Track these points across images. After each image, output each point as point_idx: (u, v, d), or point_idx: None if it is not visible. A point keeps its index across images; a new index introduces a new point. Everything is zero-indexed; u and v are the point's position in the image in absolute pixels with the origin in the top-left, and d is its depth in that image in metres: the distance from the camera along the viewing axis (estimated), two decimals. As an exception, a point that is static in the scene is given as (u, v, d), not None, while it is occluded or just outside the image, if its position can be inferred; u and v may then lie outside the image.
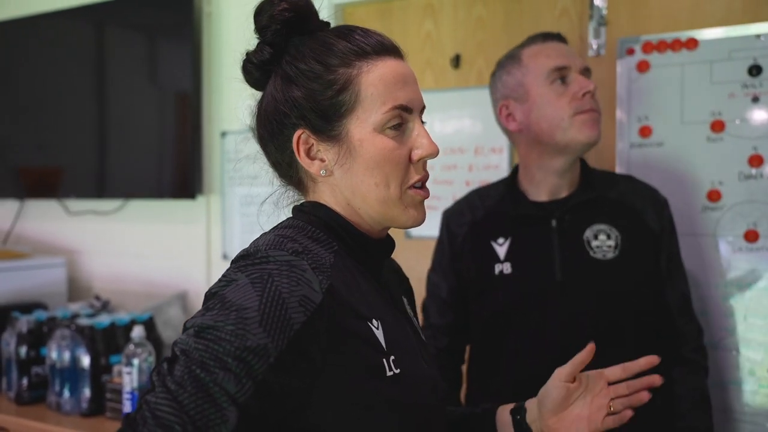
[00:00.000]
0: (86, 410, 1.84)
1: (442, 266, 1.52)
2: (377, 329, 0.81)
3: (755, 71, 1.62)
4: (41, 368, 1.96)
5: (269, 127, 0.89)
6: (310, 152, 0.86)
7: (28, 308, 2.21)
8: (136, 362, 1.67)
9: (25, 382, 1.95)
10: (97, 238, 2.73)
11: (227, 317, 0.72)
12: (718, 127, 1.66)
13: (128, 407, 1.67)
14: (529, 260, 1.39)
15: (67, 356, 1.86)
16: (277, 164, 0.91)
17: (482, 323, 1.45)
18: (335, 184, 0.86)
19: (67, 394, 1.87)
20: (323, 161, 0.86)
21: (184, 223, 2.51)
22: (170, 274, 2.53)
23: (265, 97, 0.90)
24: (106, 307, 2.27)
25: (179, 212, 2.52)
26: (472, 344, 1.52)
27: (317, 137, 0.85)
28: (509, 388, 1.35)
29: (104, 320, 1.92)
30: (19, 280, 2.44)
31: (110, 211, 2.66)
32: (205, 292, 0.81)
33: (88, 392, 1.84)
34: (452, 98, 2.02)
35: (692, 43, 1.69)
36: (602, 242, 1.37)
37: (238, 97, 2.68)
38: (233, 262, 0.82)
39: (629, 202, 1.43)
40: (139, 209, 2.62)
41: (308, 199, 0.91)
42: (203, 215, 2.47)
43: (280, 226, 0.87)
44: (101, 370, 1.86)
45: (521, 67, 1.40)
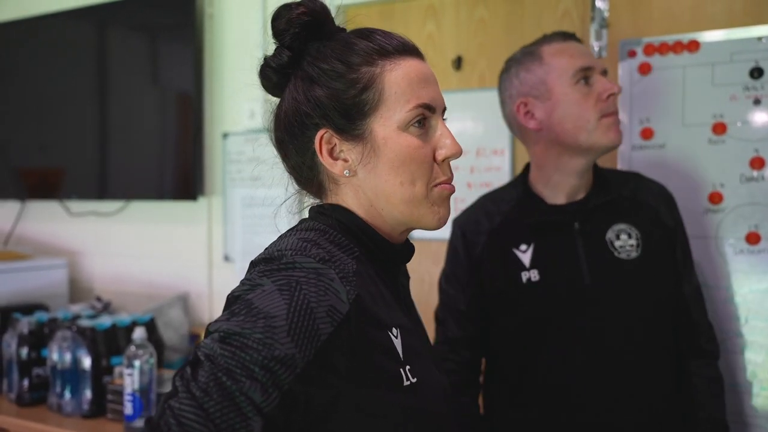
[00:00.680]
0: (87, 412, 1.84)
1: (458, 277, 1.46)
2: (396, 338, 0.81)
3: (757, 74, 1.62)
4: (42, 369, 1.96)
5: (290, 129, 0.87)
6: (332, 152, 0.85)
7: (29, 309, 2.21)
8: (137, 364, 1.67)
9: (26, 383, 1.94)
10: (98, 239, 2.73)
11: (255, 324, 0.71)
12: (719, 129, 1.66)
13: (129, 409, 1.67)
14: (555, 266, 1.36)
15: (68, 357, 1.86)
16: (296, 167, 0.90)
17: (509, 333, 1.40)
18: (358, 185, 0.85)
19: (68, 395, 1.87)
20: (346, 161, 0.85)
21: (185, 224, 2.51)
22: (171, 275, 2.53)
23: (284, 100, 0.88)
24: (107, 308, 2.27)
25: (180, 213, 2.52)
26: (491, 357, 1.47)
27: (341, 137, 0.84)
28: (542, 396, 1.35)
29: (105, 321, 1.92)
30: (20, 281, 2.44)
31: (112, 212, 2.66)
32: (207, 293, 0.81)
33: (89, 394, 1.84)
34: (454, 100, 2.02)
35: (694, 45, 1.69)
36: (624, 242, 1.36)
37: (239, 98, 2.68)
38: (254, 264, 0.81)
39: (643, 199, 1.42)
40: (140, 210, 2.62)
41: (332, 200, 0.89)
42: (204, 216, 2.47)
43: (301, 228, 0.85)
44: (102, 371, 1.86)
45: (543, 64, 1.36)
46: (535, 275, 1.35)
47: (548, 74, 1.35)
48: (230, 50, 2.41)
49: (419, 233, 2.04)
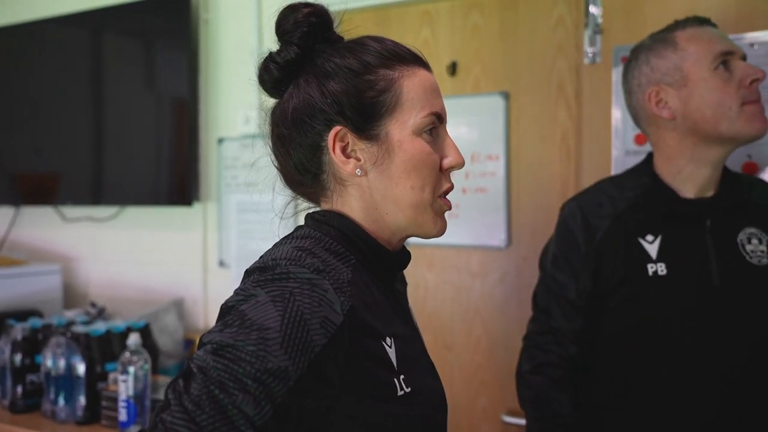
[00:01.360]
0: (81, 418, 1.83)
1: (571, 262, 1.35)
2: (390, 347, 0.81)
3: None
4: (36, 376, 1.95)
5: (299, 124, 0.86)
6: (345, 150, 0.85)
7: (23, 315, 2.19)
8: (131, 370, 1.66)
9: (19, 389, 1.93)
10: (93, 245, 2.72)
11: (248, 336, 0.70)
12: (713, 134, 1.66)
13: (124, 415, 1.66)
14: (684, 262, 1.26)
15: (62, 364, 1.85)
16: (299, 166, 0.88)
17: (622, 329, 1.30)
18: (366, 186, 0.85)
19: (62, 402, 1.86)
20: (359, 160, 0.85)
21: (180, 230, 2.51)
22: (166, 281, 2.53)
23: (292, 96, 0.87)
24: (101, 314, 2.26)
25: (176, 219, 2.52)
26: (593, 353, 1.36)
27: (356, 135, 0.84)
28: (649, 402, 1.26)
29: (100, 327, 1.91)
30: (14, 287, 2.43)
31: (106, 217, 2.66)
32: (202, 299, 0.81)
33: (83, 400, 1.83)
34: (448, 105, 2.00)
35: (687, 51, 1.69)
36: (756, 247, 1.28)
37: (234, 103, 2.68)
38: (249, 273, 0.80)
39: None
40: (135, 216, 2.62)
41: (329, 205, 0.89)
42: (200, 222, 2.47)
43: (296, 236, 0.85)
44: (97, 377, 1.85)
45: (678, 50, 1.29)
46: (662, 269, 1.26)
47: (684, 60, 1.28)
48: (225, 56, 2.42)
49: (414, 239, 2.04)
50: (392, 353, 0.81)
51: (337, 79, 0.84)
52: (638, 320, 1.28)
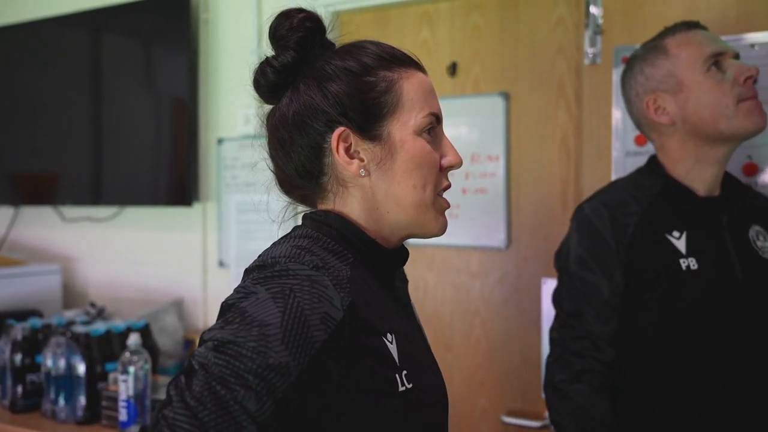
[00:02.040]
0: (81, 418, 1.83)
1: (601, 261, 1.31)
2: (391, 344, 0.81)
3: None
4: (36, 376, 1.95)
5: (301, 127, 0.86)
6: (348, 151, 0.86)
7: (23, 315, 2.20)
8: (131, 370, 1.66)
9: (19, 389, 1.93)
10: (92, 245, 2.72)
11: (249, 333, 0.71)
12: (713, 135, 1.66)
13: (124, 415, 1.67)
14: (709, 257, 1.29)
15: (62, 364, 1.85)
16: (299, 168, 0.88)
17: (658, 327, 1.29)
18: (369, 186, 0.86)
19: (62, 401, 1.86)
20: (362, 161, 0.86)
21: (180, 230, 2.51)
22: (166, 281, 2.53)
23: (292, 100, 0.87)
24: (101, 314, 2.26)
25: (175, 219, 2.52)
26: (627, 355, 1.32)
27: (359, 136, 0.85)
28: (696, 405, 1.26)
29: (100, 327, 1.92)
30: (13, 287, 2.43)
31: (106, 218, 2.66)
32: (201, 298, 0.81)
33: (83, 400, 1.83)
34: (448, 106, 2.02)
35: (687, 51, 1.69)
36: (763, 243, 1.33)
37: (234, 104, 2.69)
38: (248, 271, 0.81)
39: (764, 204, 1.41)
40: (135, 216, 2.62)
41: (328, 206, 0.89)
42: (199, 222, 2.47)
43: (294, 235, 0.86)
44: (97, 377, 1.85)
45: (669, 57, 1.33)
46: (693, 263, 1.27)
47: (676, 66, 1.31)
48: (225, 56, 2.42)
49: (414, 240, 2.04)
50: (393, 349, 0.81)
51: (338, 80, 0.85)
52: (676, 315, 1.27)
